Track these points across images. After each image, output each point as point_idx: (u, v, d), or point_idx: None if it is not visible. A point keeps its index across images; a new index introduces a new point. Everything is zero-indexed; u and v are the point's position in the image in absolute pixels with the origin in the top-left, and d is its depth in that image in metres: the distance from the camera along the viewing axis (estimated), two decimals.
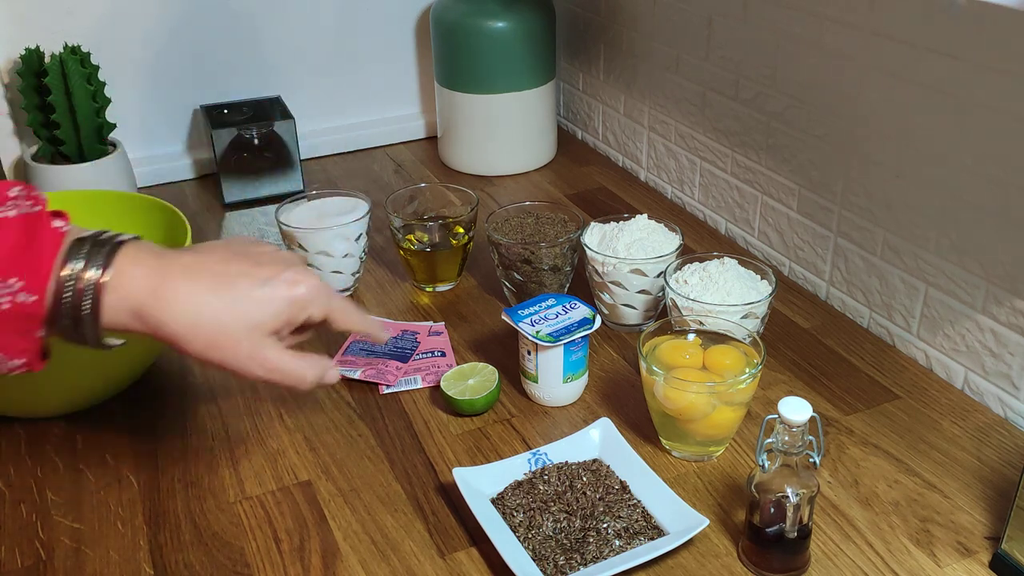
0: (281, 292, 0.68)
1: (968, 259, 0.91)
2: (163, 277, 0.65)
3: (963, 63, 0.86)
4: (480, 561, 0.75)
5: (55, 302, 0.62)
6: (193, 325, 0.65)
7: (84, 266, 0.62)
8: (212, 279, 0.66)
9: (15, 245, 0.61)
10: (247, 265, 0.68)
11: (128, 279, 0.64)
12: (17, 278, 0.60)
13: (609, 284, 1.00)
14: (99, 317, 0.63)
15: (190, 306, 0.65)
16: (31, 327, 0.62)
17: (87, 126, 1.23)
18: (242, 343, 0.67)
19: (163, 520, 0.80)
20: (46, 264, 0.62)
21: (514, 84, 1.38)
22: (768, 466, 0.70)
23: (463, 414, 0.91)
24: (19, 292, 0.61)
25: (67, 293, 0.62)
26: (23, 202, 0.62)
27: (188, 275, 0.66)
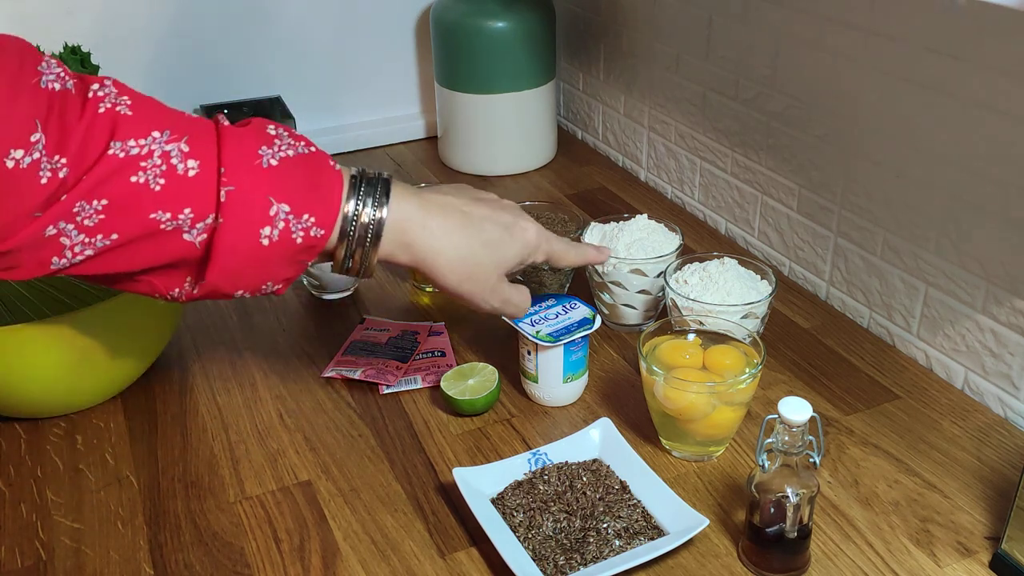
0: (519, 237, 0.79)
1: (968, 259, 0.91)
2: (427, 213, 0.74)
3: (963, 63, 0.86)
4: (480, 561, 0.75)
5: (339, 235, 0.70)
6: (458, 259, 0.75)
7: (364, 203, 0.71)
8: (464, 219, 0.76)
9: (306, 183, 0.68)
10: (487, 210, 0.78)
11: (402, 214, 0.72)
12: (309, 214, 0.68)
13: (609, 284, 1.00)
14: (378, 247, 0.72)
15: (452, 241, 0.75)
16: (308, 257, 0.70)
17: None
18: (491, 278, 0.78)
19: (163, 520, 0.80)
20: (335, 202, 0.69)
21: (514, 84, 1.38)
22: (768, 466, 0.70)
23: (463, 414, 0.91)
24: (312, 227, 0.68)
25: (352, 228, 0.70)
26: (294, 141, 0.70)
27: (444, 213, 0.75)
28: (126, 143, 0.64)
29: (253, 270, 0.69)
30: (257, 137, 0.69)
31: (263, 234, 0.67)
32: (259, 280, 0.70)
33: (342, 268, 0.72)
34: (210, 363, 1.00)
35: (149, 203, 0.64)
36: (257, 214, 0.66)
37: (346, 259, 0.72)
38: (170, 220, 0.65)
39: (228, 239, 0.66)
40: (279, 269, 0.69)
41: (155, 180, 0.64)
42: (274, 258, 0.68)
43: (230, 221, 0.66)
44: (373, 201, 0.71)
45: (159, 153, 0.64)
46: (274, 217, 0.67)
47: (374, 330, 1.04)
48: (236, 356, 1.01)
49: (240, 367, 0.99)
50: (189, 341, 1.04)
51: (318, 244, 0.69)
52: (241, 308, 1.10)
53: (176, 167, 0.65)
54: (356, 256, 0.72)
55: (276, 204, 0.67)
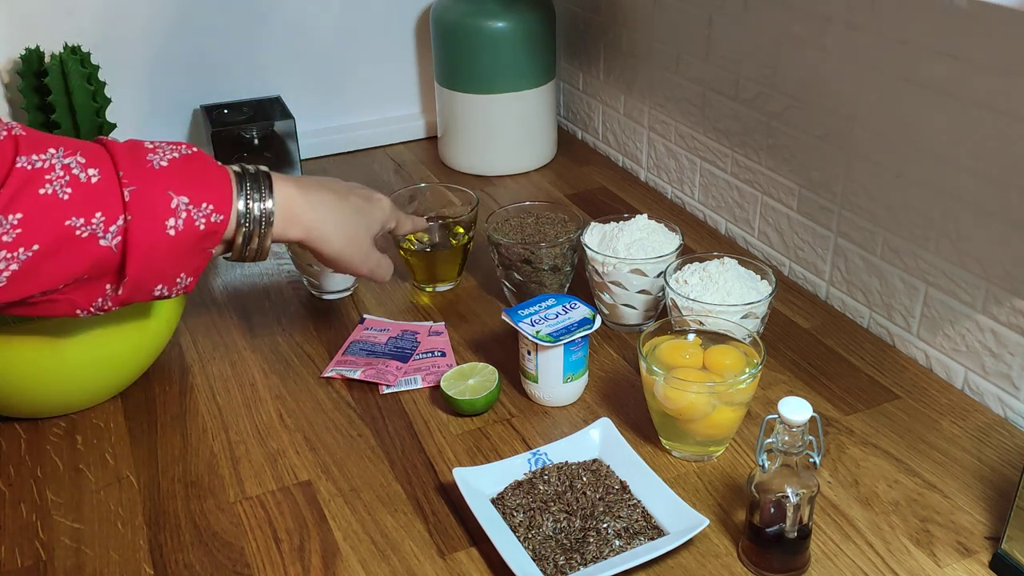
0: (378, 204, 0.92)
1: (968, 259, 0.91)
2: (306, 191, 0.83)
3: (963, 63, 0.86)
4: (480, 561, 0.75)
5: (236, 222, 0.78)
6: (336, 226, 0.85)
7: (254, 191, 0.79)
8: (334, 194, 0.86)
9: (197, 178, 0.75)
10: (345, 185, 0.90)
11: (286, 195, 0.81)
12: (207, 202, 0.75)
13: (609, 284, 1.00)
14: (271, 228, 0.80)
15: (332, 212, 0.85)
16: (211, 244, 0.77)
17: (87, 126, 1.23)
18: (365, 242, 0.89)
19: (163, 520, 0.80)
20: (227, 190, 0.77)
21: (514, 84, 1.38)
22: (768, 466, 0.70)
23: (463, 414, 0.91)
24: (211, 214, 0.75)
25: (247, 213, 0.78)
26: (174, 146, 0.77)
27: (319, 189, 0.85)
28: (30, 157, 0.69)
29: (166, 262, 0.74)
30: (139, 148, 0.75)
31: (169, 225, 0.73)
32: (173, 272, 0.76)
33: (241, 254, 0.80)
34: (210, 363, 1.00)
35: (61, 211, 0.69)
36: (160, 208, 0.73)
37: (244, 244, 0.79)
38: (84, 225, 0.70)
39: (139, 233, 0.72)
40: (188, 259, 0.76)
41: (62, 190, 0.69)
42: (182, 247, 0.74)
43: (138, 216, 0.72)
44: (261, 188, 0.79)
45: (60, 165, 0.70)
46: (176, 209, 0.73)
47: (374, 330, 1.04)
48: (236, 356, 1.01)
49: (240, 367, 0.99)
50: (189, 341, 1.04)
51: (219, 229, 0.76)
52: (241, 308, 1.10)
53: (78, 176, 0.70)
54: (253, 240, 0.79)
55: (176, 197, 0.73)
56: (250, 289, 1.14)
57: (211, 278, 1.17)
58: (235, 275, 1.17)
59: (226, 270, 1.18)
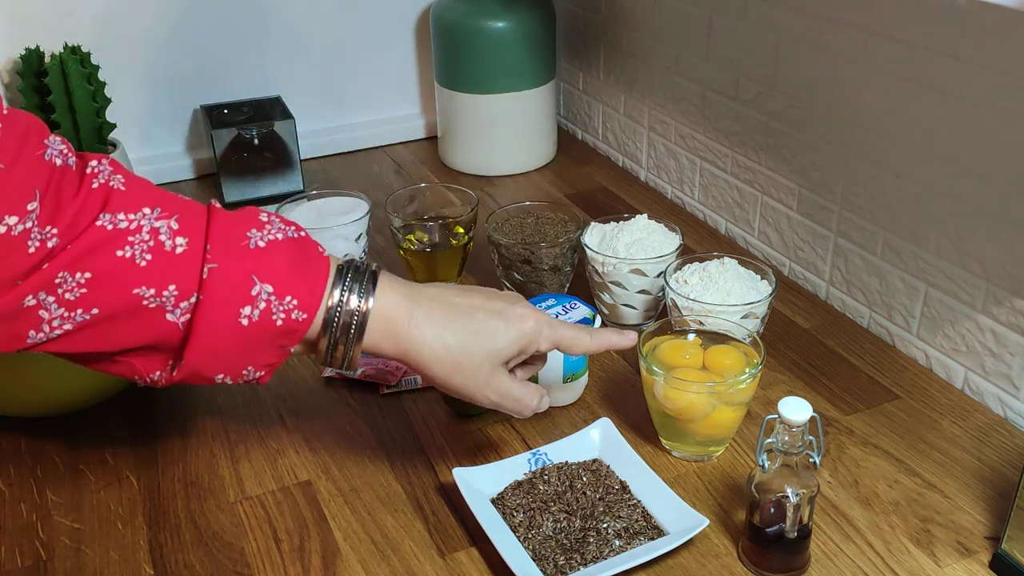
0: (515, 325, 0.74)
1: (968, 259, 0.91)
2: (415, 304, 0.71)
3: (963, 63, 0.86)
4: (480, 561, 0.75)
5: (323, 324, 0.68)
6: (443, 349, 0.71)
7: (350, 291, 0.69)
8: (453, 310, 0.72)
9: (291, 266, 0.67)
10: (480, 299, 0.74)
11: (388, 305, 0.70)
12: (292, 296, 0.67)
13: (609, 284, 1.00)
14: (361, 339, 0.69)
15: (439, 331, 0.71)
16: (290, 343, 0.68)
17: (87, 126, 1.23)
18: (483, 368, 0.72)
19: (163, 520, 0.80)
20: (320, 287, 0.68)
21: (514, 84, 1.38)
22: (768, 466, 0.70)
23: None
24: (293, 310, 0.67)
25: (336, 317, 0.68)
26: (284, 226, 0.69)
27: (433, 304, 0.72)
28: (115, 216, 0.64)
29: (233, 351, 0.67)
30: (247, 220, 0.69)
31: (243, 313, 0.66)
32: (240, 363, 0.68)
33: (325, 360, 0.70)
34: None
35: (134, 278, 0.63)
36: (238, 293, 0.65)
37: (329, 350, 0.69)
38: (154, 297, 0.64)
39: (207, 316, 0.65)
40: (260, 353, 0.68)
41: (142, 255, 0.64)
42: (254, 340, 0.67)
43: (210, 298, 0.65)
44: (359, 291, 0.69)
45: (148, 228, 0.64)
46: (256, 297, 0.66)
47: None
48: None
49: None
50: None
51: (299, 328, 0.68)
52: None
53: (164, 243, 0.64)
54: (340, 348, 0.69)
55: (259, 284, 0.66)
56: None
57: None
58: None
59: None
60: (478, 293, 0.76)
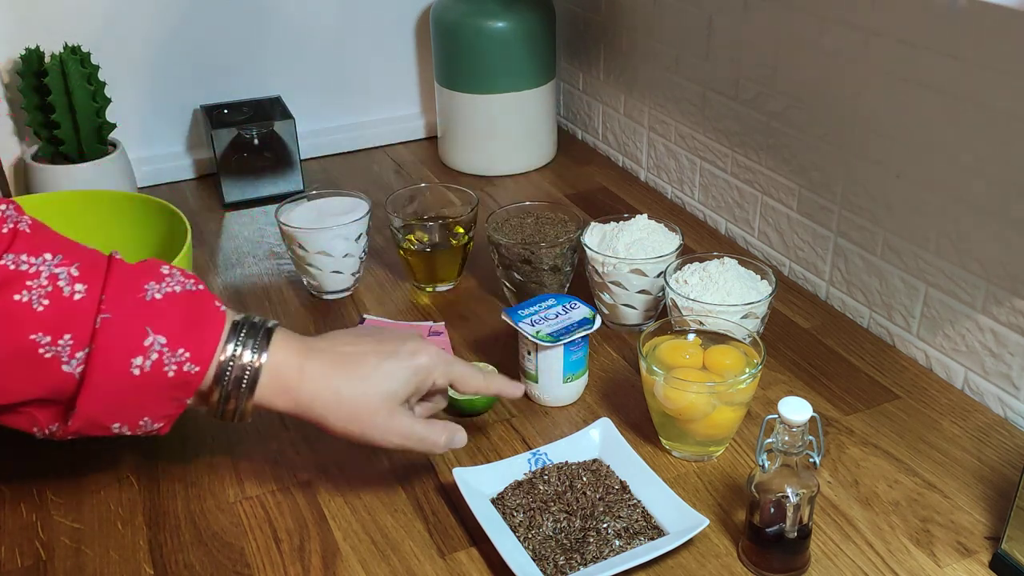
0: (405, 362, 0.74)
1: (968, 259, 0.91)
2: (305, 358, 0.72)
3: (963, 63, 0.86)
4: (480, 561, 0.75)
5: (214, 377, 0.69)
6: (335, 401, 0.72)
7: (244, 347, 0.70)
8: (344, 359, 0.73)
9: (185, 319, 0.68)
10: (371, 344, 0.75)
11: (280, 360, 0.71)
12: (184, 349, 0.67)
13: (609, 284, 1.00)
14: (253, 394, 0.70)
15: (330, 383, 0.72)
16: (183, 395, 0.69)
17: (87, 126, 1.23)
18: (379, 413, 0.73)
19: (163, 520, 0.80)
20: (212, 340, 0.69)
21: (514, 84, 1.38)
22: (768, 466, 0.70)
23: (463, 414, 0.91)
24: (185, 362, 0.67)
25: (228, 370, 0.69)
26: (183, 279, 0.70)
27: (325, 357, 0.73)
28: (18, 257, 0.64)
29: (126, 401, 0.67)
30: (147, 272, 0.69)
31: (134, 364, 0.66)
32: (135, 414, 0.68)
33: (217, 412, 0.71)
34: None
35: (30, 323, 0.63)
36: (131, 343, 0.66)
37: (220, 402, 0.70)
38: (50, 345, 0.64)
39: (99, 365, 0.65)
40: (154, 404, 0.68)
41: (39, 300, 0.64)
42: (146, 390, 0.67)
43: (101, 347, 0.65)
44: (253, 346, 0.70)
45: (47, 274, 0.65)
46: (148, 348, 0.66)
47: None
48: None
49: None
50: None
51: (192, 380, 0.68)
52: (241, 308, 1.09)
53: (63, 289, 0.65)
54: (231, 401, 0.70)
55: (152, 335, 0.66)
56: (250, 289, 1.14)
57: (211, 278, 1.17)
58: (235, 275, 1.17)
59: (225, 269, 1.18)
60: (370, 337, 0.77)
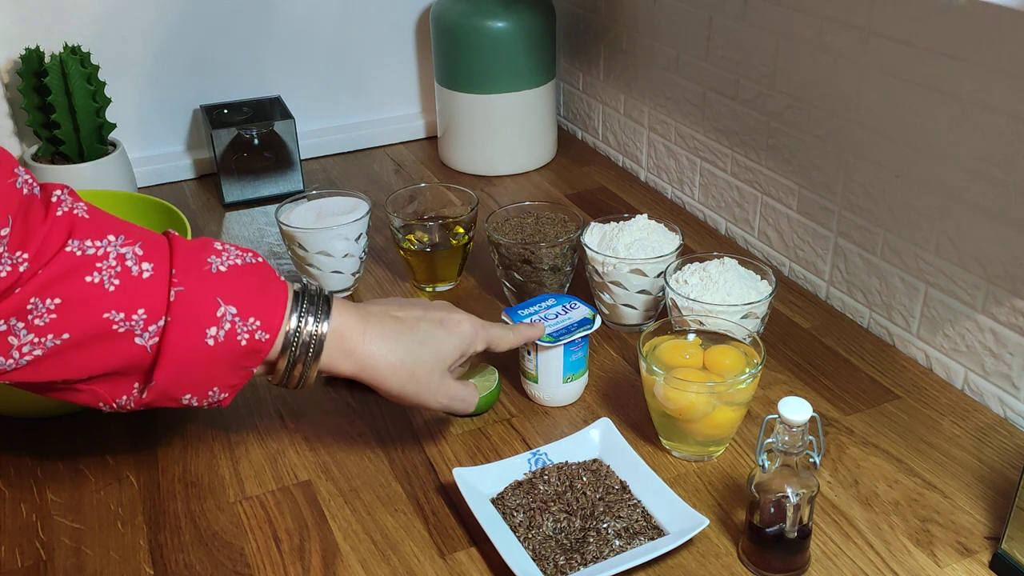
0: (455, 330, 0.79)
1: (968, 259, 0.91)
2: (366, 323, 0.75)
3: (963, 63, 0.86)
4: (480, 561, 0.75)
5: (282, 345, 0.72)
6: (399, 361, 0.76)
7: (308, 313, 0.72)
8: (398, 323, 0.77)
9: (253, 289, 0.70)
10: (419, 311, 0.80)
11: (342, 324, 0.74)
12: (255, 318, 0.70)
13: (609, 284, 1.00)
14: (319, 358, 0.73)
15: (391, 346, 0.76)
16: (253, 363, 0.71)
17: (87, 126, 1.23)
18: (433, 374, 0.77)
19: (163, 520, 0.80)
20: (280, 308, 0.71)
21: (514, 84, 1.38)
22: (768, 466, 0.70)
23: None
24: (257, 331, 0.70)
25: (296, 338, 0.72)
26: (241, 252, 0.73)
27: (380, 321, 0.76)
28: (83, 243, 0.65)
29: (199, 371, 0.69)
30: (206, 247, 0.71)
31: (209, 334, 0.68)
32: (205, 384, 0.70)
33: (282, 380, 0.74)
34: None
35: (103, 303, 0.65)
36: (205, 314, 0.68)
37: (287, 370, 0.73)
38: (123, 321, 0.66)
39: (175, 337, 0.67)
40: (224, 373, 0.70)
41: (110, 280, 0.66)
42: (219, 360, 0.69)
43: (178, 320, 0.67)
44: (316, 312, 0.73)
45: (114, 255, 0.66)
46: (221, 318, 0.68)
47: None
48: None
49: None
50: None
51: (262, 348, 0.70)
52: None
53: (131, 268, 0.66)
54: (297, 368, 0.73)
55: (224, 306, 0.69)
56: None
57: None
58: None
59: None
60: (416, 305, 0.81)
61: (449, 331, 0.79)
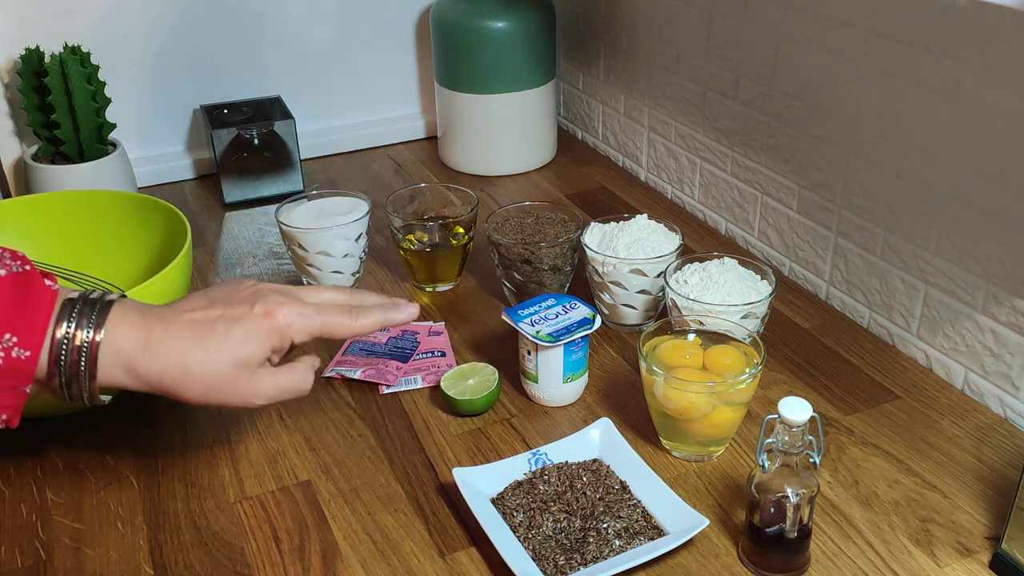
0: (256, 327, 0.70)
1: (968, 259, 0.91)
2: (148, 333, 0.67)
3: (963, 63, 0.86)
4: (480, 561, 0.75)
5: (49, 360, 0.64)
6: (185, 375, 0.68)
7: (77, 325, 0.65)
8: (191, 329, 0.69)
9: (9, 302, 0.63)
10: (221, 308, 0.70)
11: (120, 337, 0.66)
12: (11, 334, 0.62)
13: (609, 284, 1.00)
14: (95, 375, 0.66)
15: (177, 357, 0.67)
16: (20, 382, 0.64)
17: (87, 126, 1.23)
18: (237, 381, 0.69)
19: (163, 520, 0.80)
20: (41, 322, 0.64)
21: (514, 84, 1.38)
22: (768, 466, 0.70)
23: (463, 414, 0.91)
24: (14, 348, 0.63)
25: (63, 351, 0.64)
26: (11, 262, 0.65)
27: (170, 328, 0.68)
28: None
29: None
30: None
31: None
32: None
33: (62, 398, 0.66)
34: None
35: None
36: None
37: (63, 387, 0.66)
38: None
39: None
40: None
41: None
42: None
43: None
44: (87, 323, 0.65)
45: None
46: None
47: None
48: None
49: None
50: None
51: (25, 367, 0.63)
52: None
53: None
54: (74, 385, 0.66)
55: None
56: None
57: (211, 277, 1.17)
58: (235, 275, 1.17)
59: (225, 269, 1.18)
60: (220, 302, 0.71)
61: (249, 329, 0.70)
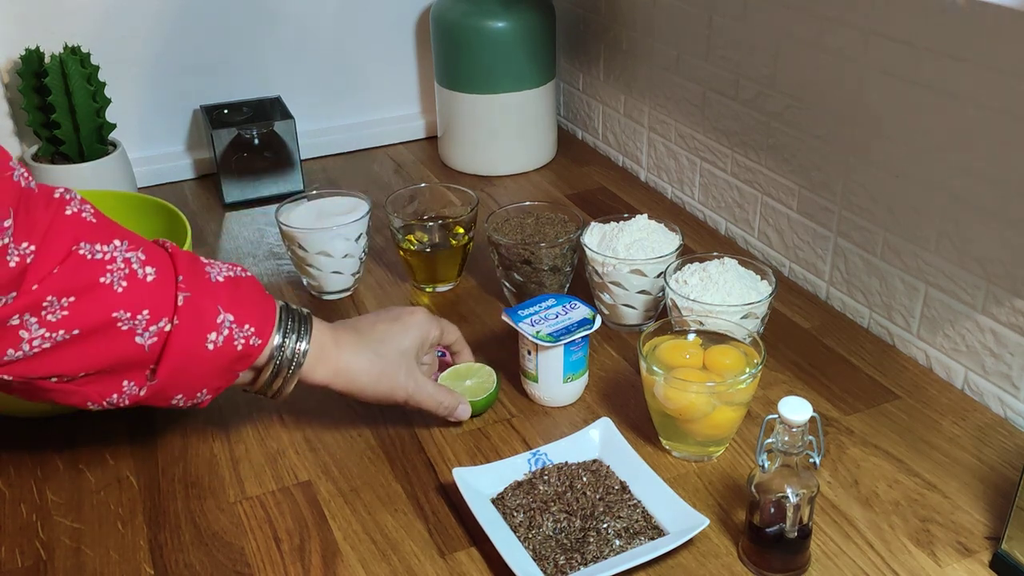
0: (407, 321, 0.87)
1: (968, 259, 0.91)
2: (337, 333, 0.83)
3: (963, 63, 0.86)
4: (480, 561, 0.75)
5: (267, 357, 0.77)
6: (368, 363, 0.83)
7: (293, 330, 0.79)
8: (359, 333, 0.85)
9: (246, 299, 0.76)
10: (373, 317, 0.88)
11: (320, 339, 0.81)
12: (250, 325, 0.76)
13: (609, 284, 1.00)
14: (301, 367, 0.79)
15: (358, 350, 0.83)
16: (241, 367, 0.76)
17: (87, 126, 1.23)
18: (400, 368, 0.84)
19: (163, 520, 0.80)
20: (270, 319, 0.78)
21: (514, 84, 1.38)
22: (768, 466, 0.70)
23: None
24: (251, 336, 0.76)
25: (279, 353, 0.78)
26: (230, 266, 0.79)
27: (350, 330, 0.84)
28: (93, 246, 0.70)
29: (195, 373, 0.74)
30: (198, 259, 0.77)
31: (209, 339, 0.73)
32: (197, 386, 0.75)
33: (264, 385, 0.79)
34: None
35: (113, 302, 0.70)
36: (207, 319, 0.73)
37: (270, 379, 0.79)
38: (129, 319, 0.70)
39: (181, 340, 0.72)
40: (215, 376, 0.75)
41: (119, 282, 0.70)
42: (214, 363, 0.74)
43: (184, 324, 0.72)
44: (297, 333, 0.79)
45: (121, 259, 0.71)
46: (220, 324, 0.74)
47: None
48: None
49: None
50: None
51: (253, 353, 0.76)
52: None
53: (136, 272, 0.71)
54: (278, 380, 0.79)
55: (223, 313, 0.74)
56: None
57: None
58: None
59: None
60: (375, 314, 0.88)
61: (404, 325, 0.86)
